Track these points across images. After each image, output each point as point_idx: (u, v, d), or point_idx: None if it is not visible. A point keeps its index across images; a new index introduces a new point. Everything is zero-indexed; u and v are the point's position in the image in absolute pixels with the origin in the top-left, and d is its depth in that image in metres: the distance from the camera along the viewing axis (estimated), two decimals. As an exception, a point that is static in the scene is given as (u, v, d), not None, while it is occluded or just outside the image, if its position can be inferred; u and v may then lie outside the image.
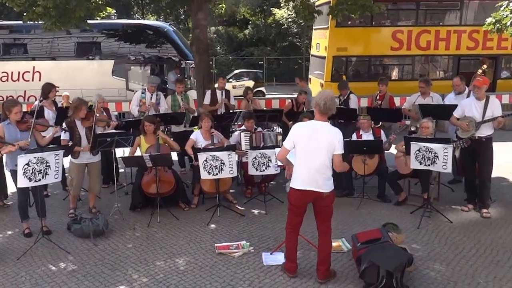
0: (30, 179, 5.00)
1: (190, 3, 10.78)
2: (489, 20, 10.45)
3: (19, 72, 15.14)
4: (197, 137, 7.07)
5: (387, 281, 4.18)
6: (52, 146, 5.62)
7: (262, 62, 29.47)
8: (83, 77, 15.01)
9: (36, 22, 9.31)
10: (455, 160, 7.61)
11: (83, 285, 4.56)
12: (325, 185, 4.40)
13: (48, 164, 5.09)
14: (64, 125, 6.04)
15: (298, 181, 4.43)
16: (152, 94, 8.36)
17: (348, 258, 5.07)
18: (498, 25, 10.10)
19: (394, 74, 15.93)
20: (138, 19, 26.90)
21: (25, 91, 14.84)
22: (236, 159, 7.73)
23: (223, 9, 12.16)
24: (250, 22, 34.16)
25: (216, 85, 9.20)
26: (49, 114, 7.26)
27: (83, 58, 15.65)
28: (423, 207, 6.29)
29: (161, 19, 26.76)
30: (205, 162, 6.20)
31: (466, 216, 6.38)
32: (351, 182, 7.36)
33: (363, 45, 15.05)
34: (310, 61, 17.64)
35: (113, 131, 6.59)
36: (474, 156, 6.44)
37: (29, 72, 15.16)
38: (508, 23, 9.72)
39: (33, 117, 5.55)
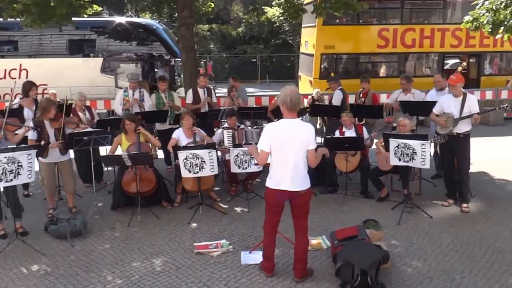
0: (0, 179, 4.93)
1: (176, 1, 10.72)
2: (466, 18, 10.48)
3: (5, 70, 14.99)
4: (179, 135, 7.02)
5: (362, 279, 4.16)
6: (23, 145, 5.54)
7: (255, 60, 29.41)
8: (72, 75, 14.88)
9: (17, 20, 9.22)
10: (437, 155, 7.65)
11: (55, 287, 4.50)
12: (301, 184, 4.35)
13: (20, 164, 5.04)
14: (29, 124, 5.95)
15: (274, 181, 4.39)
16: (134, 91, 8.30)
17: (327, 255, 5.04)
18: (475, 23, 10.13)
19: (382, 71, 15.94)
20: (131, 16, 26.73)
21: (11, 89, 14.68)
22: (221, 156, 7.78)
23: (210, 7, 12.07)
24: (243, 21, 34.09)
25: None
26: (29, 113, 7.16)
27: (72, 56, 15.52)
28: (403, 203, 6.28)
29: (155, 17, 26.69)
30: (185, 160, 6.16)
31: (446, 211, 6.39)
32: (335, 179, 7.35)
33: (351, 43, 15.05)
34: (300, 59, 17.63)
35: (90, 129, 6.52)
36: (453, 152, 6.45)
37: (16, 69, 15.02)
38: (485, 21, 9.75)
39: (4, 116, 5.47)
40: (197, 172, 6.19)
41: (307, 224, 4.57)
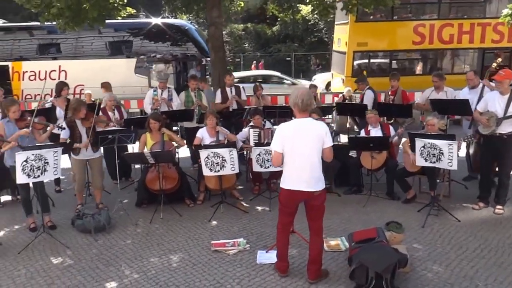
0: (28, 175, 5.13)
1: (205, 1, 10.81)
2: (505, 11, 10.00)
3: (46, 71, 15.59)
4: (203, 134, 7.08)
5: (376, 283, 4.06)
6: (49, 143, 5.74)
7: (289, 58, 29.29)
8: (107, 76, 15.27)
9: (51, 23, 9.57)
10: (469, 156, 7.38)
11: (76, 279, 4.64)
12: (316, 184, 4.28)
13: (46, 161, 5.21)
14: (59, 123, 6.16)
15: (288, 181, 4.34)
16: (163, 91, 8.45)
17: (344, 257, 4.94)
18: None
19: (418, 68, 15.50)
20: (167, 17, 27.20)
21: (52, 90, 15.26)
22: (246, 155, 7.79)
23: (239, 7, 12.09)
24: (279, 19, 34.02)
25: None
26: (60, 112, 7.42)
27: (109, 57, 15.96)
28: (429, 205, 6.09)
29: (191, 17, 27.01)
30: (206, 159, 6.21)
31: (476, 215, 6.14)
32: (360, 179, 7.22)
33: (385, 40, 14.69)
34: (332, 57, 17.41)
35: (115, 128, 6.67)
36: (493, 153, 6.18)
37: (55, 71, 15.59)
38: None
39: (32, 115, 5.69)
40: (218, 170, 6.22)
41: (322, 226, 4.50)
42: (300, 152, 4.22)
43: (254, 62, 27.80)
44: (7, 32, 16.59)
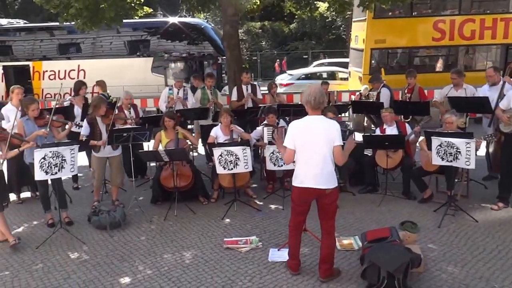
0: (46, 172, 5.23)
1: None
2: None
3: (65, 71, 15.87)
4: (217, 132, 7.10)
5: (388, 282, 4.01)
6: (67, 141, 5.84)
7: (306, 56, 29.18)
8: (125, 74, 15.52)
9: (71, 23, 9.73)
10: (488, 155, 7.24)
11: (91, 274, 4.72)
12: (327, 182, 4.25)
13: (64, 158, 5.30)
14: (77, 121, 6.25)
15: (299, 179, 4.32)
16: (179, 89, 8.52)
17: (357, 256, 4.90)
18: None
19: (438, 65, 15.25)
20: (185, 16, 27.38)
21: (70, 89, 15.51)
22: (261, 153, 7.79)
23: (255, 5, 12.08)
24: (296, 17, 33.90)
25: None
26: (78, 110, 7.54)
27: (126, 56, 16.16)
28: (446, 205, 5.99)
29: (208, 16, 27.13)
30: (220, 157, 6.23)
31: (494, 215, 6.01)
32: (375, 178, 7.15)
33: (403, 36, 14.46)
34: (350, 54, 17.26)
35: (130, 126, 6.74)
36: None
37: (74, 70, 15.85)
38: None
39: (50, 113, 5.79)
40: (232, 168, 6.23)
41: (334, 225, 4.47)
42: (311, 149, 4.20)
43: (278, 61, 27.72)
44: (27, 32, 16.94)
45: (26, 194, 7.30)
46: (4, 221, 5.44)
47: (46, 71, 16.09)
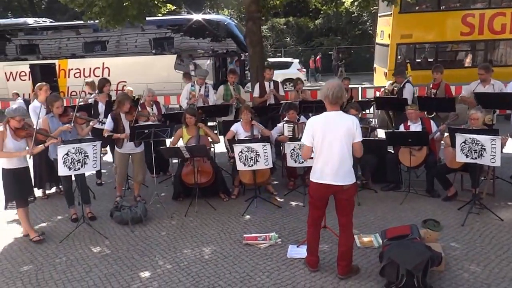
0: (69, 168, 5.34)
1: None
2: None
3: (90, 69, 16.16)
4: (238, 128, 7.12)
5: (407, 280, 3.95)
6: (89, 137, 5.95)
7: (331, 52, 28.88)
8: (149, 72, 15.72)
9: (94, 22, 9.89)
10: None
11: (112, 268, 4.80)
12: (345, 178, 4.23)
13: (86, 154, 5.40)
14: (100, 118, 6.36)
15: (317, 174, 4.31)
16: (201, 87, 8.57)
17: (377, 254, 4.83)
18: None
19: (467, 61, 14.88)
20: (209, 13, 27.51)
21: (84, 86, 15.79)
22: (281, 150, 7.77)
23: (278, 1, 12.06)
24: (322, 12, 33.61)
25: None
26: (102, 107, 7.67)
27: (150, 54, 16.33)
28: (470, 203, 5.85)
29: (232, 12, 27.20)
30: (240, 154, 6.24)
31: (521, 214, 5.85)
32: (398, 175, 7.03)
33: (430, 31, 14.15)
34: (375, 49, 17.02)
35: (152, 123, 6.82)
36: None
37: (99, 68, 16.13)
38: None
39: (74, 110, 5.91)
40: (252, 165, 6.23)
41: (352, 221, 4.43)
42: (329, 145, 4.18)
43: (312, 56, 27.56)
44: (53, 31, 17.30)
45: (51, 190, 7.45)
46: (27, 217, 5.58)
47: (72, 69, 16.41)
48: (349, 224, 4.38)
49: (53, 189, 7.43)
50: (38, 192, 7.03)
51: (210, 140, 7.04)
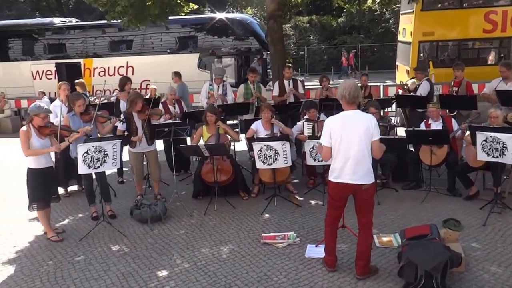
0: (89, 166, 5.43)
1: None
2: None
3: (114, 67, 16.42)
4: (258, 127, 7.12)
5: (426, 281, 3.89)
6: (109, 136, 6.04)
7: (355, 50, 28.66)
8: (171, 70, 15.82)
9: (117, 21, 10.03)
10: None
11: (130, 267, 4.85)
12: (364, 177, 4.19)
13: (106, 152, 5.48)
14: (122, 116, 6.45)
15: (335, 173, 4.28)
16: (219, 86, 8.61)
17: (395, 254, 4.77)
18: None
19: (489, 58, 14.58)
20: (232, 12, 27.62)
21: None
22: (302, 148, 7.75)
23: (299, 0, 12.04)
24: (345, 10, 33.36)
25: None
26: (124, 106, 7.77)
27: (172, 53, 16.49)
28: (492, 203, 5.73)
29: (256, 11, 27.19)
30: (259, 152, 6.25)
31: (546, 215, 5.70)
32: (419, 174, 6.94)
33: (453, 29, 13.97)
34: (398, 47, 16.81)
35: (171, 121, 6.89)
36: None
37: (123, 67, 16.36)
38: None
39: (95, 109, 6.01)
40: (271, 163, 6.24)
41: (372, 220, 4.39)
42: (347, 144, 4.15)
43: (346, 54, 27.43)
44: (79, 30, 17.64)
45: (72, 188, 7.60)
46: (47, 217, 5.64)
47: (96, 67, 16.72)
48: (369, 224, 4.35)
49: (75, 187, 7.56)
50: (60, 190, 7.16)
51: (230, 138, 7.07)
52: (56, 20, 18.74)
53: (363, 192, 4.23)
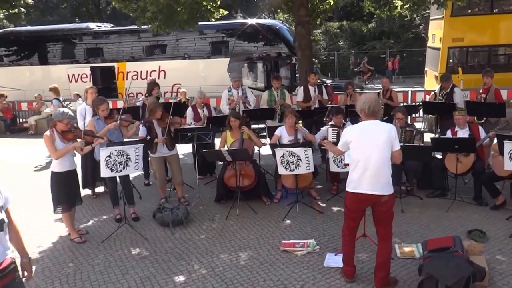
0: (112, 170, 5.53)
1: (293, 1, 10.85)
2: None
3: (147, 71, 16.75)
4: (282, 132, 7.11)
5: (446, 296, 3.79)
6: (131, 140, 6.13)
7: (384, 55, 28.30)
8: (202, 75, 16.15)
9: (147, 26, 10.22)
10: None
11: (148, 271, 4.89)
12: (382, 188, 4.11)
13: (128, 156, 5.58)
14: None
15: (353, 184, 4.22)
16: (237, 90, 8.64)
17: (417, 265, 4.66)
18: None
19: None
20: (264, 18, 27.73)
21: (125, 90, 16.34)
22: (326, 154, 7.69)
23: (328, 5, 11.96)
24: (375, 16, 33.07)
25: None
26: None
27: (203, 57, 16.74)
28: (520, 214, 5.55)
29: (287, 18, 27.20)
30: (282, 158, 6.24)
31: None
32: (444, 182, 6.77)
33: (483, 34, 13.63)
34: (427, 53, 16.52)
35: (193, 126, 6.94)
36: None
37: (155, 71, 16.68)
38: None
39: (119, 113, 6.12)
40: (293, 169, 6.22)
41: (391, 231, 4.30)
42: (367, 154, 4.10)
43: (391, 58, 27.22)
44: (114, 35, 18.08)
45: (99, 189, 7.71)
46: (71, 220, 5.73)
47: (130, 71, 17.08)
48: (388, 235, 4.27)
49: (102, 188, 7.69)
50: (87, 191, 7.33)
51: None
52: (92, 25, 19.24)
53: (382, 204, 4.16)
